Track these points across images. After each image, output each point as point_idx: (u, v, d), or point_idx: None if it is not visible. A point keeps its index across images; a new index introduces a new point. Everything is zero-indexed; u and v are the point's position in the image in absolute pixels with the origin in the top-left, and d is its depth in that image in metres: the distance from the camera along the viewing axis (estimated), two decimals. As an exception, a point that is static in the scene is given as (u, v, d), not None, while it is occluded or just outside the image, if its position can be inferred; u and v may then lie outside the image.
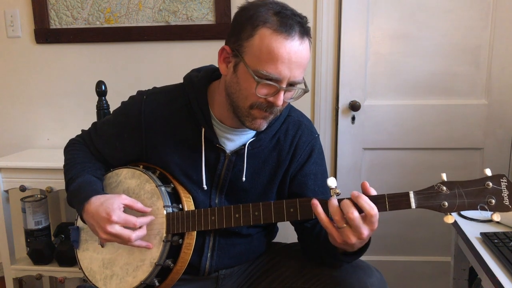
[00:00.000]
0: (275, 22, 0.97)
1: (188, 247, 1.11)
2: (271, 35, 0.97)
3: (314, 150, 1.19)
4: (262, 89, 0.99)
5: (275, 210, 1.02)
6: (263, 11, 0.98)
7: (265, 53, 0.97)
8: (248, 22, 0.99)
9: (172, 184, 1.14)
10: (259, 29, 0.97)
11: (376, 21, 1.94)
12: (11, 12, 2.02)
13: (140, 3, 1.98)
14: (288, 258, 1.23)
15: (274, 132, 1.16)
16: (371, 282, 1.07)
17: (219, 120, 1.13)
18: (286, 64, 0.97)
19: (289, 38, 0.97)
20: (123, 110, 1.22)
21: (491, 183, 0.91)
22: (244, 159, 1.14)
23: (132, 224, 1.05)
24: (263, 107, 1.02)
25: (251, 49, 0.98)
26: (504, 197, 0.90)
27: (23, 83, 2.08)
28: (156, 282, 1.11)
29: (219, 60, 1.06)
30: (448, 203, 0.92)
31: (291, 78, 0.99)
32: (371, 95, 2.00)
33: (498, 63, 1.92)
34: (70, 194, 1.16)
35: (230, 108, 1.07)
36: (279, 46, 0.96)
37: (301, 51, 0.99)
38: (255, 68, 0.98)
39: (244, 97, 1.02)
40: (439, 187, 0.93)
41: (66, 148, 1.29)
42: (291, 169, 1.18)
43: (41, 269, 1.88)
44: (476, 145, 2.00)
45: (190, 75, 1.18)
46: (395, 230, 2.09)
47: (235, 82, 1.03)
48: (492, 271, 1.04)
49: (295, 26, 0.98)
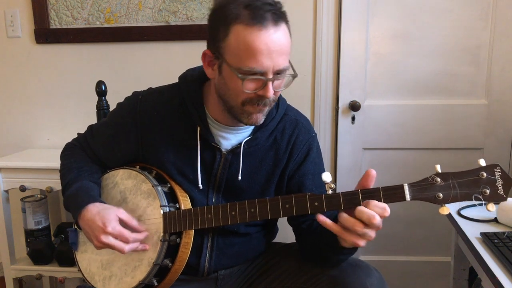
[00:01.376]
0: (246, 16, 0.96)
1: (186, 246, 1.11)
2: (244, 30, 0.95)
3: (311, 149, 1.19)
4: (249, 84, 0.99)
5: (270, 207, 1.02)
6: (233, 7, 0.97)
7: (243, 50, 0.96)
8: (221, 21, 0.99)
9: (168, 184, 1.14)
10: (232, 27, 0.97)
11: (376, 21, 1.94)
12: (11, 12, 2.02)
13: (140, 3, 1.98)
14: (287, 258, 1.23)
15: (270, 131, 1.16)
16: (370, 282, 1.07)
17: (214, 118, 1.13)
18: (266, 55, 0.96)
19: (263, 28, 0.95)
20: (118, 111, 1.22)
21: (485, 173, 0.91)
22: (240, 158, 1.14)
23: (125, 239, 1.05)
24: (255, 101, 1.01)
25: (229, 48, 0.98)
26: (499, 187, 0.91)
27: (23, 83, 2.08)
28: (154, 282, 1.10)
29: (204, 65, 1.07)
30: (443, 194, 0.92)
31: (275, 67, 0.98)
32: (371, 95, 2.00)
33: (498, 63, 1.92)
34: (66, 199, 1.16)
35: (225, 108, 1.07)
36: (254, 39, 0.95)
37: (279, 39, 0.97)
38: (237, 66, 0.97)
39: (234, 96, 1.02)
40: (433, 178, 0.92)
41: (63, 153, 1.29)
42: (288, 168, 1.18)
43: (41, 269, 1.88)
44: (476, 145, 1.99)
45: (185, 75, 1.18)
46: (395, 230, 2.09)
47: (223, 83, 1.03)
48: (492, 271, 1.04)
49: (267, 15, 0.96)
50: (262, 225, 1.24)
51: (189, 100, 1.13)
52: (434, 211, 1.17)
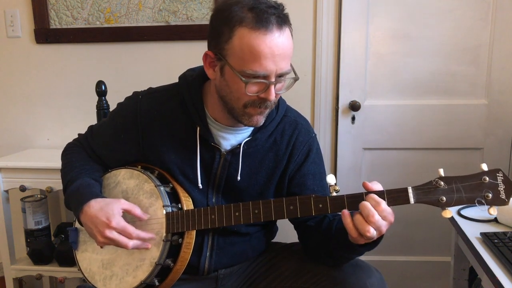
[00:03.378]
0: (251, 19, 0.96)
1: (188, 246, 1.11)
2: (249, 33, 0.96)
3: (311, 149, 1.19)
4: (252, 87, 0.99)
5: (275, 208, 1.03)
6: (237, 10, 0.97)
7: (247, 53, 0.96)
8: (225, 24, 0.98)
9: (171, 184, 1.14)
10: (236, 30, 0.97)
11: (376, 21, 1.94)
12: (11, 12, 2.01)
13: (140, 3, 1.98)
14: (288, 258, 1.23)
15: (270, 132, 1.16)
16: (370, 282, 1.07)
17: (214, 119, 1.13)
18: (270, 59, 0.96)
19: (268, 32, 0.96)
20: (119, 111, 1.22)
21: (488, 178, 0.93)
22: (239, 158, 1.14)
23: (129, 235, 1.05)
24: (257, 104, 1.02)
25: (233, 51, 0.98)
26: (501, 191, 0.93)
27: (23, 83, 2.08)
28: (156, 282, 1.10)
29: (205, 65, 1.06)
30: (446, 197, 0.93)
31: (278, 70, 0.99)
32: (371, 95, 2.00)
33: (498, 63, 1.92)
34: (68, 196, 1.16)
35: (225, 109, 1.07)
36: (259, 43, 0.95)
37: (283, 42, 0.98)
38: (241, 69, 0.97)
39: (236, 98, 1.02)
40: (437, 182, 0.94)
41: (64, 152, 1.29)
42: (289, 169, 1.18)
43: (41, 269, 1.88)
44: (476, 145, 2.00)
45: (185, 75, 1.18)
46: (395, 230, 2.09)
47: (225, 85, 1.03)
48: (492, 271, 1.04)
49: (272, 19, 0.96)
50: (262, 225, 1.25)
51: (189, 100, 1.13)
52: (434, 211, 1.17)
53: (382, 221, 0.92)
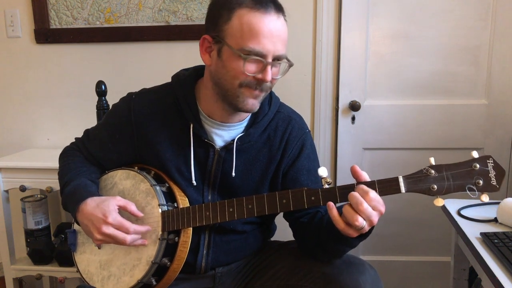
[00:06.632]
0: (250, 1, 1.01)
1: (184, 245, 1.11)
2: (248, 13, 1.00)
3: (305, 145, 1.20)
4: (250, 65, 1.01)
5: (268, 202, 1.03)
6: None
7: (246, 31, 1.00)
8: (224, 7, 1.03)
9: (167, 183, 1.15)
10: (235, 11, 1.01)
11: (376, 21, 1.94)
12: (11, 12, 2.02)
13: (140, 3, 1.98)
14: (283, 256, 1.24)
15: (263, 127, 1.17)
16: (363, 279, 1.07)
17: (208, 115, 1.14)
18: (269, 38, 1.00)
19: (267, 13, 1.00)
20: (113, 111, 1.23)
21: (478, 165, 0.93)
22: (233, 154, 1.14)
23: (126, 230, 1.06)
24: (253, 85, 1.03)
25: (232, 31, 1.01)
26: (492, 178, 0.93)
27: (23, 83, 2.08)
28: (153, 281, 1.11)
29: (201, 51, 1.09)
30: (437, 186, 0.94)
31: (275, 52, 1.02)
32: (371, 95, 2.00)
33: (498, 63, 1.92)
34: (65, 197, 1.16)
35: (219, 97, 1.09)
36: (258, 21, 1.00)
37: (280, 26, 1.03)
38: (240, 47, 1.00)
39: (232, 77, 1.03)
40: (427, 170, 0.95)
41: (61, 156, 1.30)
42: (282, 164, 1.18)
43: (41, 269, 1.88)
44: (476, 145, 1.99)
45: (178, 74, 1.20)
46: (395, 230, 2.09)
47: (221, 66, 1.04)
48: (492, 271, 1.04)
49: (269, 3, 1.02)
50: (258, 223, 1.25)
51: (182, 97, 1.14)
52: (434, 211, 1.17)
53: (372, 211, 0.92)
